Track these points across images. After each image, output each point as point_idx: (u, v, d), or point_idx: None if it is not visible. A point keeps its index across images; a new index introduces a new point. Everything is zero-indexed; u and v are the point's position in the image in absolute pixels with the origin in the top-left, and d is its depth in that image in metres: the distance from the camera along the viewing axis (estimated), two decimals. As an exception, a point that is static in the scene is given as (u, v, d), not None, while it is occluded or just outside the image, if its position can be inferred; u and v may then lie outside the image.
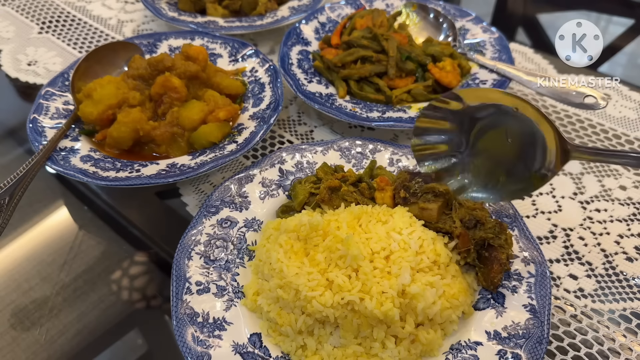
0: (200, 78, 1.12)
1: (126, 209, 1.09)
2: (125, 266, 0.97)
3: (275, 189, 0.97)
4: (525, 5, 1.96)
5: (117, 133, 1.01)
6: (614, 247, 0.97)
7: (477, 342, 0.77)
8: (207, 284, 0.82)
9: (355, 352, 0.75)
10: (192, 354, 0.74)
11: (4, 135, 1.27)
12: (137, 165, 1.00)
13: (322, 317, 0.75)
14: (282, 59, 1.24)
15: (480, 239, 0.82)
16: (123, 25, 1.51)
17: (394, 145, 1.03)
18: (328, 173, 0.95)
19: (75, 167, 0.97)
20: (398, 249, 0.78)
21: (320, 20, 1.39)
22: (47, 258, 0.98)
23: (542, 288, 0.81)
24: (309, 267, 0.78)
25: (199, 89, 1.13)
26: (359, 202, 0.90)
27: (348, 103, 1.16)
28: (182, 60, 1.11)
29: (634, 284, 0.92)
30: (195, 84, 1.12)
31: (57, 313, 0.89)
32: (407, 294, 0.75)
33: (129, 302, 0.93)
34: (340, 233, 0.80)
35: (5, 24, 1.49)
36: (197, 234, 0.88)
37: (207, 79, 1.13)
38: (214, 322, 0.78)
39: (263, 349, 0.77)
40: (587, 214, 1.02)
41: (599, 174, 1.10)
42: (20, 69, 1.35)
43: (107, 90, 1.05)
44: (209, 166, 0.96)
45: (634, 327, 0.86)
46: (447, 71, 1.19)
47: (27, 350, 0.85)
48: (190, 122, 1.04)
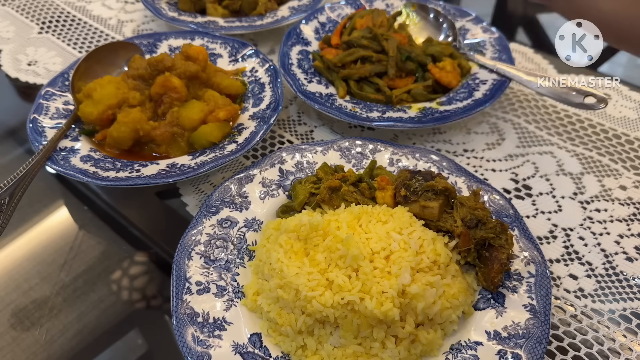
0: (200, 78, 1.12)
1: (126, 209, 1.09)
2: (125, 266, 0.97)
3: (275, 189, 0.97)
4: (525, 5, 1.96)
5: (117, 133, 1.01)
6: (614, 247, 0.97)
7: (477, 342, 0.77)
8: (207, 284, 0.82)
9: (355, 352, 0.75)
10: (192, 354, 0.74)
11: (4, 135, 1.27)
12: (137, 165, 1.00)
13: (322, 317, 0.75)
14: (282, 59, 1.24)
15: (481, 238, 0.82)
16: (123, 25, 1.51)
17: (394, 145, 1.03)
18: (328, 173, 0.95)
19: (75, 167, 0.97)
20: (398, 249, 0.78)
21: (320, 20, 1.39)
22: (47, 258, 0.98)
23: (542, 288, 0.81)
24: (309, 267, 0.78)
25: (199, 89, 1.13)
26: (359, 202, 0.90)
27: (348, 103, 1.16)
28: (182, 60, 1.11)
29: (634, 284, 0.92)
30: (195, 84, 1.12)
31: (57, 313, 0.89)
32: (407, 294, 0.75)
33: (129, 302, 0.93)
34: (340, 233, 0.80)
35: (5, 24, 1.49)
36: (197, 234, 0.88)
37: (207, 79, 1.13)
38: (214, 322, 0.78)
39: (263, 349, 0.77)
40: (587, 214, 1.02)
41: (599, 174, 1.10)
42: (20, 69, 1.35)
43: (107, 90, 1.05)
44: (209, 166, 0.96)
45: (634, 327, 0.86)
46: (447, 71, 1.19)
47: (27, 350, 0.85)
48: (190, 122, 1.04)
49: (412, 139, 1.18)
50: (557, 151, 1.15)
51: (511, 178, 1.10)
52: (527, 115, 1.23)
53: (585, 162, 1.12)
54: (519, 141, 1.17)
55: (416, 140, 1.18)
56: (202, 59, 1.12)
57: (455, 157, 1.14)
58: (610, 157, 1.14)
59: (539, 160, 1.13)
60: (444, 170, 0.98)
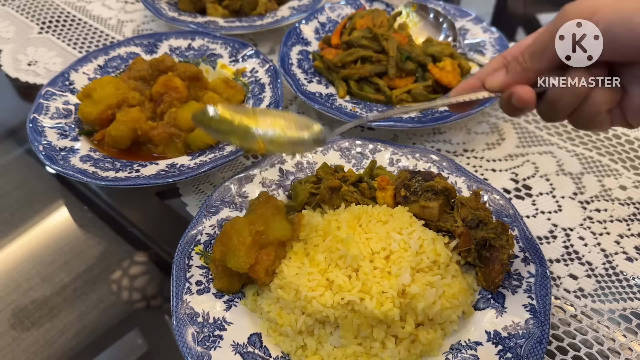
0: (201, 80, 1.12)
1: (126, 209, 1.09)
2: (125, 266, 0.97)
3: (275, 189, 0.97)
4: (525, 5, 1.96)
5: (115, 132, 1.01)
6: (614, 247, 0.97)
7: (477, 342, 0.77)
8: (207, 284, 0.82)
9: (355, 352, 0.75)
10: (192, 354, 0.74)
11: (4, 135, 1.27)
12: (136, 165, 1.00)
13: (322, 317, 0.75)
14: (282, 59, 1.24)
15: (481, 238, 0.82)
16: (123, 25, 1.51)
17: (394, 145, 1.03)
18: (328, 173, 0.95)
19: (75, 167, 0.97)
20: (398, 249, 0.78)
21: (320, 20, 1.39)
22: (47, 258, 0.98)
23: (542, 288, 0.81)
24: (309, 267, 0.78)
25: (199, 90, 1.13)
26: (359, 202, 0.90)
27: (348, 103, 1.16)
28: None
29: (634, 284, 0.92)
30: (195, 85, 1.12)
31: (57, 313, 0.89)
32: (407, 294, 0.75)
33: (129, 302, 0.93)
34: (340, 233, 0.80)
35: (5, 24, 1.48)
36: (197, 234, 0.88)
37: (207, 80, 1.13)
38: (214, 322, 0.78)
39: (263, 349, 0.77)
40: (587, 214, 1.02)
41: (599, 174, 1.10)
42: (20, 69, 1.35)
43: (106, 91, 1.05)
44: (208, 166, 0.96)
45: (634, 327, 0.86)
46: (447, 71, 1.19)
47: (27, 350, 0.85)
48: (187, 123, 1.04)
49: (412, 139, 1.18)
50: (557, 151, 1.15)
51: (511, 178, 1.10)
52: (527, 115, 1.23)
53: (585, 162, 1.12)
54: (519, 141, 1.18)
55: (416, 140, 1.18)
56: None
57: (455, 157, 1.14)
58: (610, 157, 1.14)
59: (539, 160, 1.13)
60: (444, 170, 0.98)
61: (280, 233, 0.81)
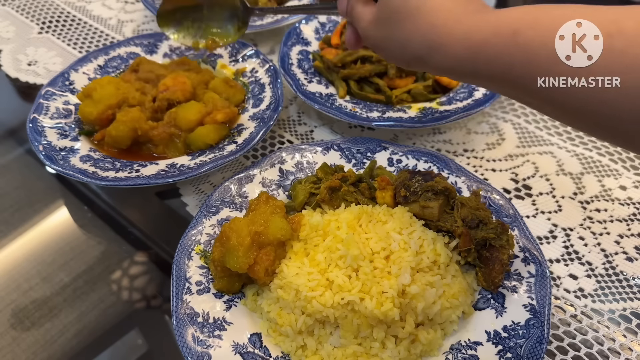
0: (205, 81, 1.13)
1: (126, 209, 1.09)
2: (125, 266, 0.97)
3: (275, 189, 0.97)
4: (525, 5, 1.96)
5: (115, 132, 1.01)
6: (614, 247, 0.97)
7: (477, 342, 0.77)
8: (207, 284, 0.82)
9: (355, 352, 0.75)
10: (192, 354, 0.74)
11: (4, 135, 1.27)
12: (136, 165, 1.00)
13: (322, 317, 0.75)
14: (282, 59, 1.24)
15: (482, 238, 0.82)
16: (123, 25, 1.51)
17: (394, 145, 1.03)
18: (328, 173, 0.96)
19: (75, 167, 0.97)
20: (398, 249, 0.78)
21: (320, 20, 1.39)
22: (47, 258, 0.98)
23: (542, 288, 0.81)
24: (309, 267, 0.78)
25: (200, 89, 1.13)
26: (359, 202, 0.90)
27: (348, 103, 1.16)
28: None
29: (634, 284, 0.92)
30: (201, 85, 1.14)
31: (57, 313, 0.89)
32: (407, 294, 0.75)
33: (129, 302, 0.93)
34: (340, 233, 0.80)
35: (5, 24, 1.48)
36: (197, 234, 0.88)
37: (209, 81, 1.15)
38: (214, 322, 0.78)
39: (263, 349, 0.77)
40: (587, 214, 1.02)
41: (599, 173, 1.10)
42: (20, 69, 1.35)
43: (106, 91, 1.06)
44: (208, 166, 0.96)
45: (634, 327, 0.86)
46: (447, 71, 1.19)
47: (27, 350, 0.85)
48: (186, 123, 1.04)
49: (412, 139, 1.18)
50: (557, 151, 1.15)
51: (511, 178, 1.10)
52: (527, 115, 1.23)
53: (585, 162, 1.12)
54: (519, 141, 1.17)
55: (416, 140, 1.18)
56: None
57: (455, 157, 1.14)
58: (610, 157, 1.14)
59: (539, 160, 1.13)
60: (444, 170, 0.98)
61: (280, 233, 0.81)
